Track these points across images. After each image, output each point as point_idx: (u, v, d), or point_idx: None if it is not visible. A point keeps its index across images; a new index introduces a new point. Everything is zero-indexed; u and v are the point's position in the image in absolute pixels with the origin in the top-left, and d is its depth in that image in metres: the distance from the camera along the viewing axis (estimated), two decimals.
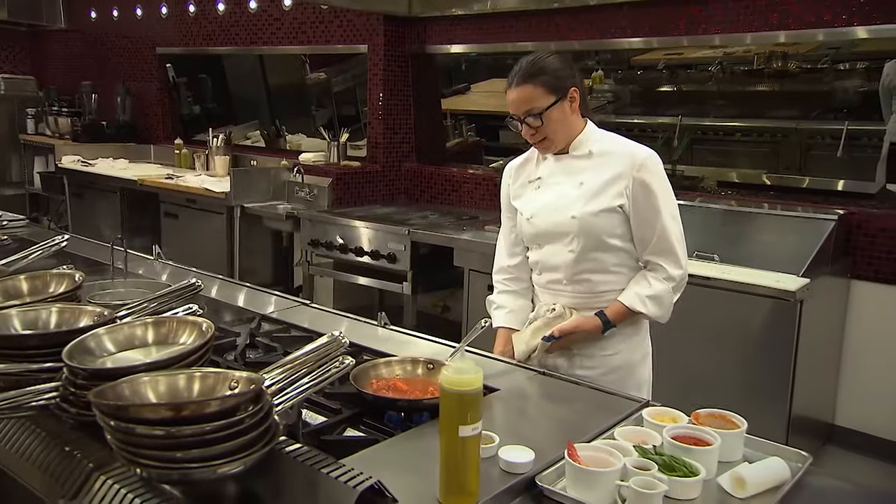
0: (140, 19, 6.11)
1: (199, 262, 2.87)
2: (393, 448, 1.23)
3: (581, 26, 3.78)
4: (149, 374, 1.03)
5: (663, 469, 1.11)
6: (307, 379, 1.18)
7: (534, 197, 1.79)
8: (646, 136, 4.05)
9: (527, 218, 1.78)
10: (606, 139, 1.75)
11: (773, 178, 3.65)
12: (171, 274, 2.36)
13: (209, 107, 6.08)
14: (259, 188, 4.50)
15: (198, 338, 1.21)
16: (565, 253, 1.72)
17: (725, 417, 1.28)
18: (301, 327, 1.86)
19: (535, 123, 1.68)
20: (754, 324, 2.65)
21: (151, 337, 1.24)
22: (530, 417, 1.38)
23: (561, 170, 1.76)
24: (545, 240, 1.76)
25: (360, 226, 3.81)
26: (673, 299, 1.73)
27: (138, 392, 1.01)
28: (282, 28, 5.08)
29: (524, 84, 1.67)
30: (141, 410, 0.94)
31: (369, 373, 1.48)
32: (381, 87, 4.47)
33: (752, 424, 1.27)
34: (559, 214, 1.72)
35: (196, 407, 0.93)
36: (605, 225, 1.68)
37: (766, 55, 3.49)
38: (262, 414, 1.00)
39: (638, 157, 1.67)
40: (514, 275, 1.87)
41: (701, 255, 2.91)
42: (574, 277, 1.72)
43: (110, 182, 5.29)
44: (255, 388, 1.00)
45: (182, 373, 1.05)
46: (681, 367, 2.81)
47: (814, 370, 2.85)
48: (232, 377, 1.05)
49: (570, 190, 1.72)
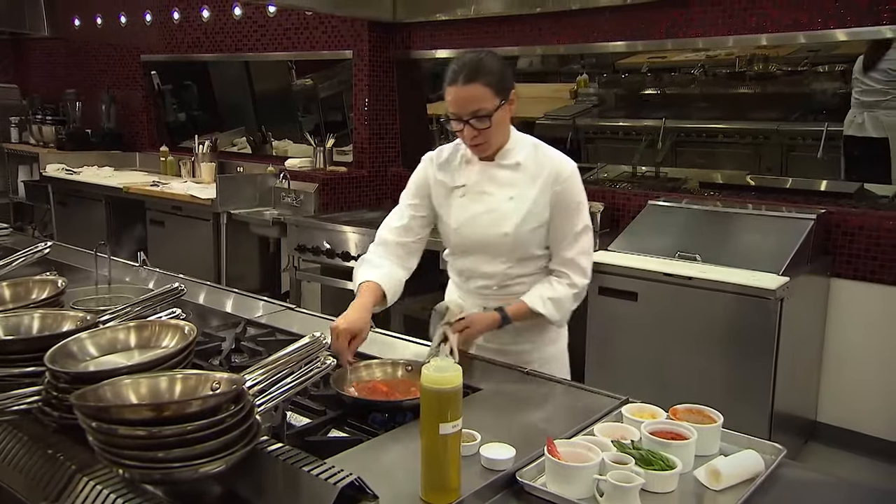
0: (124, 26, 6.10)
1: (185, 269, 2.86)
2: (376, 447, 1.24)
3: (564, 30, 3.82)
4: (130, 377, 1.04)
5: (640, 463, 1.13)
6: (289, 379, 1.19)
7: (460, 206, 1.77)
8: (630, 138, 4.09)
9: (454, 228, 1.77)
10: (530, 148, 1.75)
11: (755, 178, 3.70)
12: (157, 281, 2.36)
13: (195, 114, 6.07)
14: (245, 194, 4.50)
15: (180, 341, 1.22)
16: (497, 264, 1.75)
17: (702, 413, 1.31)
18: (287, 331, 1.87)
19: (481, 125, 1.64)
20: (735, 322, 2.69)
21: (134, 340, 1.25)
22: (512, 416, 1.40)
23: (488, 179, 1.75)
24: (473, 250, 1.78)
25: (347, 231, 3.83)
26: (573, 306, 1.78)
27: (120, 394, 1.02)
28: (267, 34, 5.10)
29: (472, 83, 1.62)
30: (122, 412, 0.95)
31: (349, 376, 1.50)
32: (366, 92, 4.50)
33: (735, 422, 1.30)
34: (490, 229, 1.73)
35: (177, 407, 0.94)
36: (535, 239, 1.74)
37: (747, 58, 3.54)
38: (244, 413, 1.01)
39: (562, 174, 1.71)
40: (396, 253, 1.80)
41: (683, 255, 2.94)
42: (504, 283, 1.77)
43: (95, 190, 5.27)
44: (236, 388, 1.02)
45: (164, 375, 1.06)
46: (663, 366, 2.85)
47: (795, 368, 2.89)
48: (213, 378, 1.07)
49: (500, 204, 1.73)
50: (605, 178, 4.05)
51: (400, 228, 1.83)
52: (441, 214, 1.82)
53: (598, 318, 2.98)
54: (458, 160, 1.79)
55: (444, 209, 1.80)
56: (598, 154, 4.19)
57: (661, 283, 2.82)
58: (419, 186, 1.83)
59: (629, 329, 2.94)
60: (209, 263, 4.48)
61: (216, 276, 4.44)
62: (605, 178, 4.05)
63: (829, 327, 3.14)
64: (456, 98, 1.64)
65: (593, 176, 4.05)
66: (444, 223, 1.81)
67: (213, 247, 4.50)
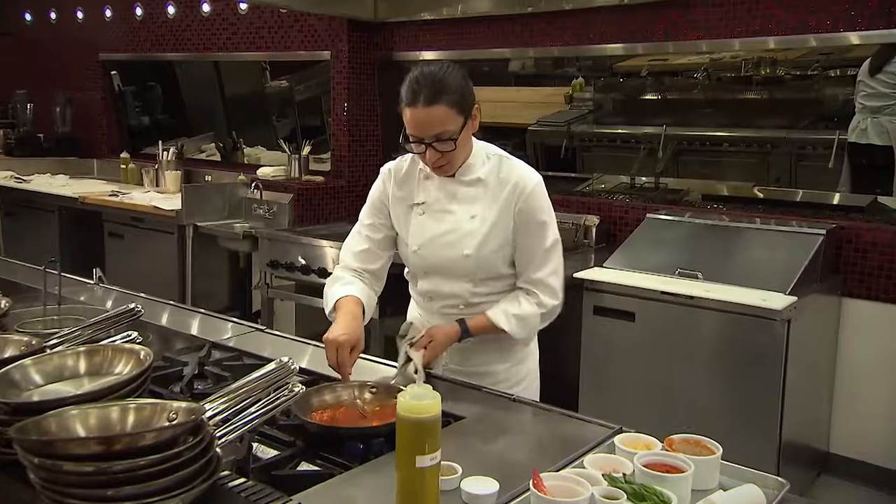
0: (81, 22, 6.10)
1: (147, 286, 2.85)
2: (349, 482, 1.24)
3: (556, 32, 3.87)
4: (78, 407, 1.04)
5: (633, 498, 1.14)
6: (254, 408, 1.19)
7: (419, 226, 1.78)
8: (628, 146, 4.13)
9: (413, 249, 1.79)
10: (492, 160, 1.77)
11: (762, 190, 3.74)
12: (115, 300, 2.36)
13: (159, 118, 6.07)
14: (213, 205, 4.50)
15: (135, 367, 1.22)
16: (461, 283, 1.78)
17: (700, 443, 1.31)
18: (256, 355, 1.86)
19: (444, 148, 1.64)
20: (740, 345, 2.71)
21: (84, 367, 1.24)
22: (496, 446, 1.40)
23: (448, 196, 1.76)
24: (434, 272, 1.80)
25: (324, 245, 3.83)
26: (539, 325, 1.80)
27: (66, 426, 1.01)
28: (238, 33, 5.12)
29: (434, 104, 1.59)
30: (68, 446, 0.95)
31: (312, 400, 1.50)
32: (345, 96, 4.52)
33: (741, 453, 1.31)
34: (451, 250, 1.75)
35: (129, 440, 0.94)
36: (499, 259, 1.76)
37: (753, 61, 3.59)
38: (203, 446, 1.01)
39: (526, 187, 1.72)
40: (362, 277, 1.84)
41: (684, 272, 2.97)
42: (472, 301, 1.79)
43: (48, 200, 5.24)
44: (194, 419, 1.02)
45: (115, 405, 1.06)
46: (662, 391, 2.86)
47: (805, 394, 2.91)
48: (170, 408, 1.07)
49: (461, 222, 1.74)
50: (602, 189, 4.08)
51: (361, 254, 1.86)
52: (400, 234, 1.83)
53: (592, 339, 2.99)
54: (417, 175, 1.80)
55: (403, 228, 1.82)
56: (594, 163, 4.23)
57: (661, 303, 2.84)
58: (375, 205, 1.85)
59: (625, 352, 2.95)
60: (173, 281, 4.46)
61: (181, 295, 4.42)
62: (601, 189, 4.08)
63: (841, 350, 3.17)
64: (416, 120, 1.62)
65: (589, 187, 4.08)
66: (403, 244, 1.83)
67: (177, 263, 4.48)
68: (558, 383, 1.95)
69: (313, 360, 1.88)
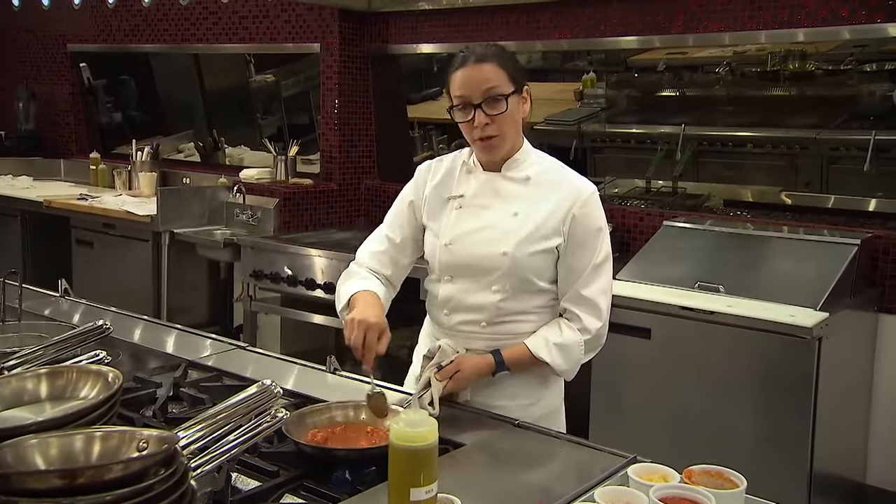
0: (47, 10, 6.09)
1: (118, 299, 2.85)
2: None
3: (566, 23, 3.88)
4: (38, 436, 1.04)
5: None
6: (233, 436, 1.19)
7: (454, 219, 1.77)
8: (644, 147, 4.14)
9: (444, 243, 1.76)
10: (545, 163, 1.78)
11: (790, 195, 3.75)
12: (82, 314, 2.36)
13: (133, 114, 6.08)
14: (192, 211, 4.51)
15: (102, 390, 1.22)
16: (488, 293, 1.72)
17: (723, 475, 1.31)
18: (237, 375, 1.87)
19: (495, 109, 1.65)
20: (766, 365, 2.70)
21: (45, 391, 1.24)
22: (499, 477, 1.40)
23: (490, 191, 1.76)
24: (462, 273, 1.75)
25: (312, 254, 3.83)
26: (583, 356, 1.76)
27: (24, 458, 1.00)
28: (219, 23, 5.14)
29: (485, 63, 1.66)
30: (25, 480, 0.94)
31: (306, 421, 1.52)
32: (335, 92, 4.53)
33: (768, 484, 1.30)
34: (486, 247, 1.71)
35: (94, 473, 0.93)
36: (538, 266, 1.71)
37: (781, 55, 3.60)
38: (176, 479, 1.01)
39: (582, 193, 1.72)
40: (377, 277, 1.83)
41: (704, 285, 2.97)
42: (496, 319, 1.73)
43: (9, 204, 5.25)
44: (167, 448, 1.01)
45: (79, 433, 1.06)
46: (680, 416, 2.85)
47: (839, 419, 2.90)
48: (140, 437, 1.06)
49: (501, 219, 1.73)
50: (615, 193, 4.09)
51: (377, 255, 1.87)
52: (431, 228, 1.81)
53: (604, 358, 2.93)
54: (459, 168, 1.81)
55: (435, 223, 1.80)
56: (607, 166, 4.24)
57: (678, 319, 2.84)
58: (402, 205, 1.87)
59: (640, 372, 2.94)
60: (147, 292, 4.46)
61: (155, 309, 4.42)
62: (614, 193, 4.09)
63: (878, 371, 3.16)
64: (465, 77, 1.66)
65: (601, 191, 4.08)
66: (433, 237, 1.80)
67: (151, 273, 4.49)
68: (566, 407, 1.94)
69: (300, 381, 1.89)
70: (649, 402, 2.93)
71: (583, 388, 2.99)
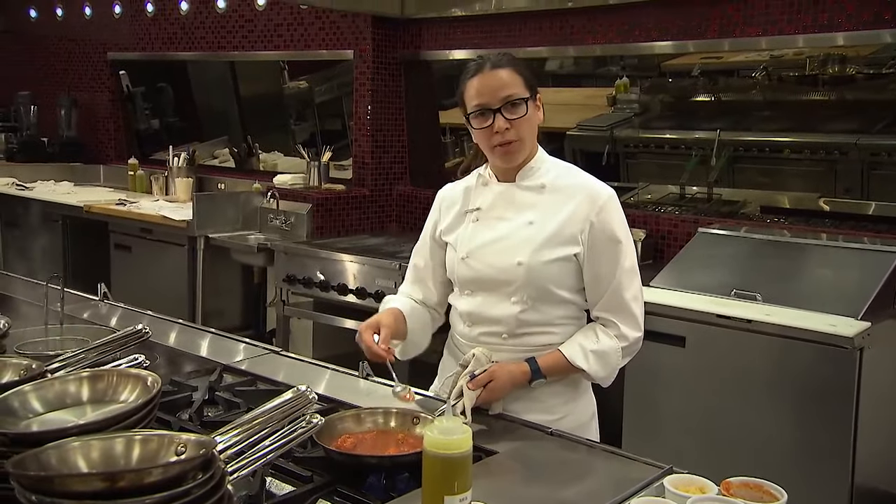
0: (89, 20, 6.24)
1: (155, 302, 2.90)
2: None
3: (599, 28, 3.86)
4: (80, 439, 1.05)
5: None
6: (269, 441, 1.20)
7: (471, 231, 1.78)
8: (678, 153, 4.09)
9: (461, 257, 1.77)
10: (560, 170, 1.78)
11: (829, 202, 3.68)
12: (120, 318, 2.40)
13: (170, 121, 6.17)
14: (227, 216, 4.56)
15: (141, 394, 1.23)
16: (507, 305, 1.72)
17: (762, 488, 1.29)
18: (270, 380, 1.89)
19: (515, 114, 1.67)
20: (805, 376, 2.65)
21: (87, 394, 1.26)
22: (533, 486, 1.39)
23: (505, 201, 1.76)
24: (481, 287, 1.75)
25: (345, 259, 3.85)
26: (620, 362, 1.73)
27: (66, 460, 1.02)
28: (255, 31, 5.20)
29: (501, 69, 1.68)
30: (68, 482, 0.95)
31: (336, 427, 1.52)
32: (368, 98, 4.56)
33: (806, 497, 1.28)
34: (502, 257, 1.71)
35: (134, 477, 0.94)
36: (555, 275, 1.70)
37: (820, 58, 3.55)
38: (214, 483, 1.02)
39: (600, 198, 1.71)
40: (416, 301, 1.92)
41: (741, 293, 2.92)
42: (517, 331, 1.73)
43: (51, 209, 5.35)
44: (205, 453, 1.02)
45: (120, 436, 1.07)
46: (717, 427, 2.81)
47: (881, 430, 2.84)
48: (179, 440, 1.07)
49: (516, 229, 1.73)
50: (648, 200, 4.05)
51: (409, 285, 1.95)
52: (450, 245, 1.83)
53: (638, 367, 2.92)
54: (475, 182, 1.83)
55: (453, 238, 1.82)
56: (640, 172, 4.20)
57: (714, 327, 2.80)
58: (425, 235, 1.92)
59: (675, 381, 2.91)
60: (183, 296, 4.52)
61: (190, 312, 4.48)
62: (647, 200, 4.05)
63: None
64: (483, 84, 1.68)
65: (634, 197, 4.05)
66: (452, 253, 1.82)
67: (187, 277, 4.54)
68: (600, 416, 1.93)
69: (332, 386, 1.90)
70: (684, 412, 2.90)
71: (616, 397, 2.97)
